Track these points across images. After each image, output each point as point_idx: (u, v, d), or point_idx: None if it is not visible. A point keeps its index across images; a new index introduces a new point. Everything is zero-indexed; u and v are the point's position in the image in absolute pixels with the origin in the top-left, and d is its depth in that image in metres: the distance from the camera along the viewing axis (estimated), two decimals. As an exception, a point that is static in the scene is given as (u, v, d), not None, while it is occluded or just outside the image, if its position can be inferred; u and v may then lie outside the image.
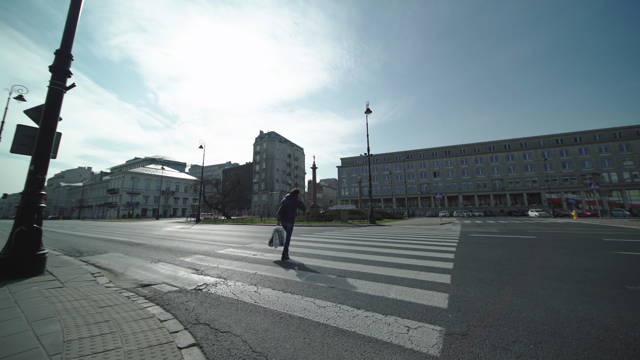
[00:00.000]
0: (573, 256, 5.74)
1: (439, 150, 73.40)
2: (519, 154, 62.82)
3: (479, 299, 3.07)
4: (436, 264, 5.01)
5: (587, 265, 4.77)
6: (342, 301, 3.04)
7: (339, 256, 5.92)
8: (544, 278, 3.95)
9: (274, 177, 78.99)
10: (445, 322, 2.47)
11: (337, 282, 3.80)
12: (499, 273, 4.27)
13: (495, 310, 2.73)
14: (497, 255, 5.98)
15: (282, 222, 5.94)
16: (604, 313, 2.61)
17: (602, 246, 7.24)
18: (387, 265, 4.93)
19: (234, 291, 3.47)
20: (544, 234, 10.96)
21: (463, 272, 4.32)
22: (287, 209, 5.94)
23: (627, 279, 3.84)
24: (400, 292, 3.31)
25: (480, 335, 2.21)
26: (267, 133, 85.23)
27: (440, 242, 8.54)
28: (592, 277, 3.94)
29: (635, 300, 2.97)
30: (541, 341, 2.10)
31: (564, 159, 58.94)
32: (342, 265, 4.93)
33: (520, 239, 9.38)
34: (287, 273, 4.41)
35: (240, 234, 12.50)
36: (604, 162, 55.76)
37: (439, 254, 6.14)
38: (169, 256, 6.33)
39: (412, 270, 4.45)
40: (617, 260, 5.27)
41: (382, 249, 7.01)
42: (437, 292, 3.29)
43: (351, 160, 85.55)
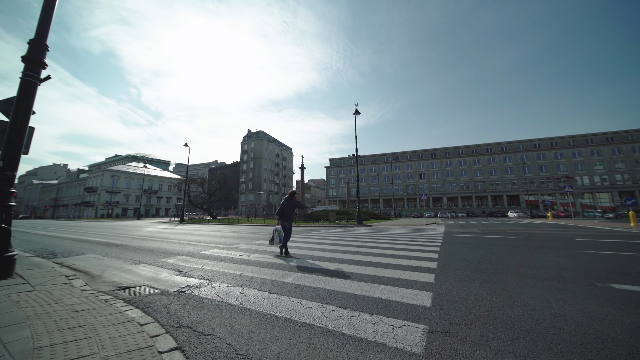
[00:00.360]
0: (548, 255, 6.04)
1: (425, 153, 75.25)
2: (499, 157, 65.49)
3: (461, 297, 3.17)
4: (421, 263, 5.12)
5: (561, 264, 5.04)
6: (329, 301, 3.05)
7: (326, 256, 5.93)
8: (521, 276, 4.13)
9: (261, 177, 78.11)
10: (428, 320, 2.53)
11: (324, 283, 3.80)
12: (480, 272, 4.43)
13: (476, 308, 2.83)
14: (479, 254, 6.20)
15: (281, 221, 6.39)
16: (575, 309, 2.77)
17: (575, 245, 7.67)
18: (373, 265, 4.99)
19: (218, 293, 3.40)
20: (522, 234, 11.47)
21: (446, 272, 4.45)
22: (285, 209, 6.46)
23: (596, 276, 4.09)
24: (385, 292, 3.36)
25: (462, 332, 2.28)
26: (255, 132, 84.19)
27: (424, 242, 8.75)
28: (565, 275, 4.17)
29: (602, 296, 3.17)
30: (518, 337, 2.19)
31: (541, 162, 62.00)
32: (329, 266, 4.94)
33: (500, 239, 9.77)
34: (273, 274, 4.37)
35: (226, 235, 12.26)
36: (577, 166, 59.16)
37: (423, 253, 6.28)
38: (151, 257, 6.12)
39: (397, 270, 4.53)
40: (587, 258, 5.59)
41: (369, 249, 7.09)
42: (421, 291, 3.37)
43: (339, 161, 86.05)
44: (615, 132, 59.12)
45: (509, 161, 64.44)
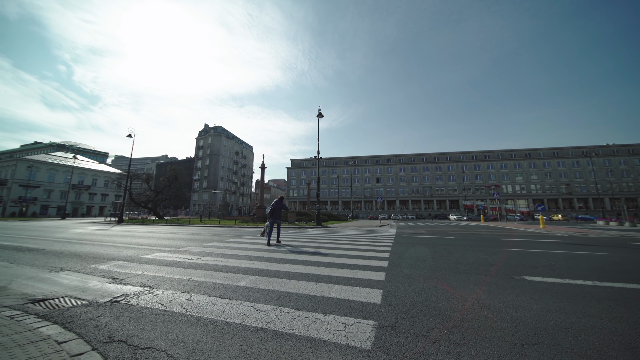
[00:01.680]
0: (479, 253, 6.94)
1: (382, 158, 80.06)
2: (444, 166, 73.31)
3: (407, 292, 3.43)
4: (374, 263, 5.41)
5: (489, 260, 5.83)
6: (284, 303, 3.01)
7: (283, 258, 5.86)
8: (457, 272, 4.66)
9: (218, 175, 73.72)
10: (378, 316, 2.68)
11: (279, 285, 3.74)
12: (424, 269, 4.86)
13: (419, 302, 3.09)
14: (424, 253, 6.81)
15: (272, 219, 8.46)
16: (497, 299, 3.23)
17: (499, 244, 8.95)
18: (330, 265, 5.10)
19: (161, 301, 3.08)
20: (459, 235, 12.97)
21: (396, 269, 4.77)
22: (275, 210, 8.56)
23: (514, 270, 4.84)
24: (340, 291, 3.45)
25: (407, 325, 2.47)
26: (213, 127, 79.22)
27: (378, 242, 9.27)
28: (491, 270, 4.83)
29: (518, 287, 3.76)
30: (453, 326, 2.46)
31: (476, 172, 71.27)
32: (285, 267, 4.88)
33: (442, 239, 10.89)
34: (226, 277, 4.14)
35: (174, 237, 11.24)
36: (503, 176, 69.49)
37: (376, 253, 6.65)
38: (78, 263, 5.26)
39: (352, 270, 4.70)
40: (508, 255, 6.58)
41: (326, 249, 7.22)
42: (372, 289, 3.55)
43: (301, 162, 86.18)
44: (531, 149, 71.22)
45: (452, 170, 72.58)
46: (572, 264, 5.48)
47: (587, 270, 4.88)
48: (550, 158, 68.25)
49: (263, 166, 29.72)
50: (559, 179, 66.84)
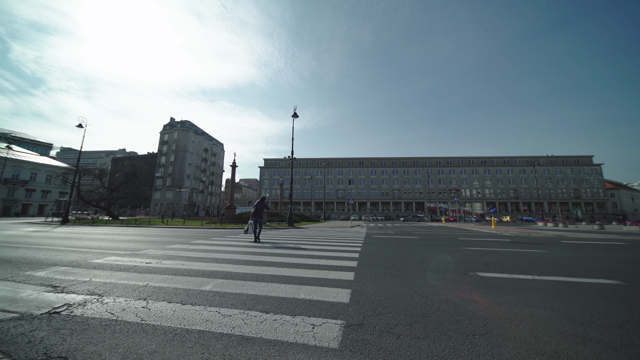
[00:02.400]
0: (440, 252, 7.44)
1: (354, 161, 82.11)
2: (412, 170, 77.53)
3: (374, 291, 3.55)
4: (343, 263, 5.50)
5: (448, 259, 6.28)
6: (251, 307, 2.92)
7: (252, 260, 5.70)
8: (420, 270, 4.94)
9: (184, 173, 69.36)
10: (346, 315, 2.73)
11: (247, 288, 3.63)
12: (391, 268, 5.08)
13: (385, 300, 3.22)
14: (391, 253, 7.11)
15: (255, 218, 9.51)
16: (454, 294, 3.48)
17: (458, 244, 9.69)
18: (300, 266, 5.08)
19: (112, 310, 2.80)
20: (423, 235, 13.79)
21: (364, 269, 4.91)
22: (258, 209, 9.65)
23: (469, 267, 5.27)
24: (310, 292, 3.45)
25: (372, 323, 2.55)
26: (180, 121, 74.42)
27: (349, 243, 9.47)
28: (450, 268, 5.21)
29: (472, 282, 4.10)
30: (415, 322, 2.60)
31: (440, 176, 76.53)
32: (254, 270, 4.75)
33: (408, 239, 11.48)
34: (189, 282, 3.90)
35: (131, 239, 10.31)
36: (463, 181, 75.55)
37: (347, 253, 6.78)
38: (7, 270, 4.56)
39: (322, 270, 4.73)
40: (465, 254, 7.15)
41: (298, 250, 7.18)
42: (341, 289, 3.61)
43: (274, 162, 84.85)
44: (486, 157, 78.41)
45: (418, 174, 77.05)
46: (517, 260, 6.13)
47: (529, 265, 5.50)
48: (501, 166, 75.89)
49: (234, 165, 28.64)
50: (508, 184, 74.59)
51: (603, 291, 3.71)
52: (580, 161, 75.60)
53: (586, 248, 8.85)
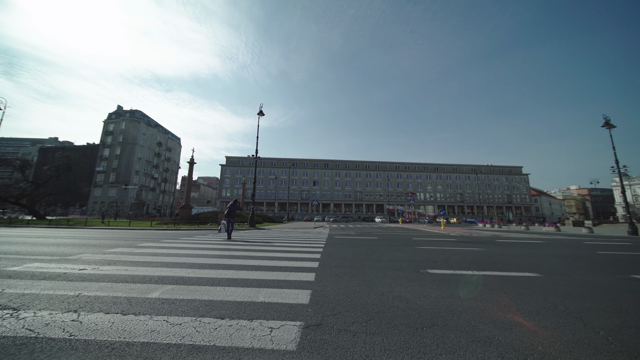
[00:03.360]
0: (396, 251, 7.92)
1: (320, 162, 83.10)
2: (373, 174, 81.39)
3: (333, 291, 3.62)
4: (305, 264, 5.51)
5: (403, 257, 6.71)
6: (204, 313, 2.74)
7: (208, 263, 5.37)
8: (377, 269, 5.20)
9: (132, 168, 62.46)
10: (305, 316, 2.73)
11: (201, 293, 3.40)
12: (350, 268, 5.24)
13: (344, 299, 3.30)
14: (352, 253, 7.34)
15: (228, 218, 10.63)
16: (407, 290, 3.74)
17: (412, 243, 10.44)
18: (261, 268, 4.94)
19: (31, 326, 2.37)
20: (381, 235, 14.54)
21: (325, 270, 4.99)
22: (231, 210, 10.74)
23: (421, 265, 5.70)
24: (269, 295, 3.38)
25: (331, 322, 2.59)
26: (130, 110, 66.88)
27: (311, 243, 9.52)
28: (404, 266, 5.57)
29: (422, 279, 4.44)
30: (371, 318, 2.71)
31: (398, 180, 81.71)
32: (210, 274, 4.48)
33: (368, 239, 11.99)
34: (133, 289, 3.51)
35: (61, 242, 8.92)
36: (418, 185, 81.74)
37: (309, 254, 6.80)
38: None
39: (283, 272, 4.67)
40: (417, 253, 7.73)
41: (258, 252, 6.98)
42: (302, 290, 3.61)
43: (237, 160, 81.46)
44: (439, 164, 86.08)
45: (379, 177, 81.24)
46: (461, 257, 6.83)
47: (470, 262, 6.17)
48: (450, 172, 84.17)
49: (192, 161, 26.71)
50: (456, 189, 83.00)
51: (526, 283, 4.34)
52: (512, 171, 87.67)
53: (515, 246, 10.27)
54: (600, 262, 6.59)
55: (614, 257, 7.67)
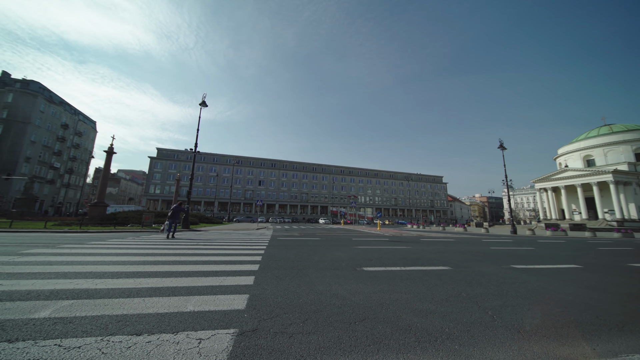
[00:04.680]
0: (336, 251, 8.28)
1: (267, 162, 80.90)
2: (319, 176, 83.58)
3: (272, 294, 3.54)
4: (244, 267, 5.25)
5: (342, 257, 7.05)
6: (115, 331, 2.32)
7: (125, 271, 4.60)
8: (318, 269, 5.33)
9: (21, 154, 49.06)
10: (240, 322, 2.59)
11: (111, 307, 2.88)
12: (292, 269, 5.23)
13: (283, 301, 3.27)
14: (293, 254, 7.34)
15: (171, 220, 11.43)
16: (344, 288, 3.93)
17: (351, 243, 11.07)
18: (192, 274, 4.49)
19: None
20: (324, 236, 15.01)
21: (265, 272, 4.85)
22: (175, 212, 11.61)
23: (358, 263, 6.09)
24: (200, 303, 3.09)
25: (267, 326, 2.53)
26: (21, 80, 52.45)
27: (252, 245, 9.15)
28: (342, 265, 5.86)
29: (358, 276, 4.75)
30: (308, 318, 2.75)
31: (342, 184, 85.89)
32: (126, 283, 3.85)
33: (311, 240, 12.21)
34: (9, 309, 2.74)
35: None
36: (359, 189, 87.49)
37: (249, 257, 6.52)
38: None
39: (219, 277, 4.34)
40: (356, 252, 8.24)
41: (191, 256, 6.34)
42: (238, 295, 3.42)
43: (171, 153, 72.70)
44: (378, 170, 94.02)
45: (325, 180, 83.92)
46: (392, 255, 7.58)
47: (399, 259, 6.90)
48: (387, 178, 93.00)
49: (111, 150, 22.51)
50: (391, 194, 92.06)
51: (439, 275, 5.09)
52: (435, 180, 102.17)
53: (433, 244, 11.95)
54: (492, 256, 8.23)
55: (501, 251, 9.69)
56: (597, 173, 47.02)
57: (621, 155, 50.12)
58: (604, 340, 2.46)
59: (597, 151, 52.73)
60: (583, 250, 10.99)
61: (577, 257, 8.41)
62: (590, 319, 2.99)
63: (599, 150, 52.59)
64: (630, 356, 2.17)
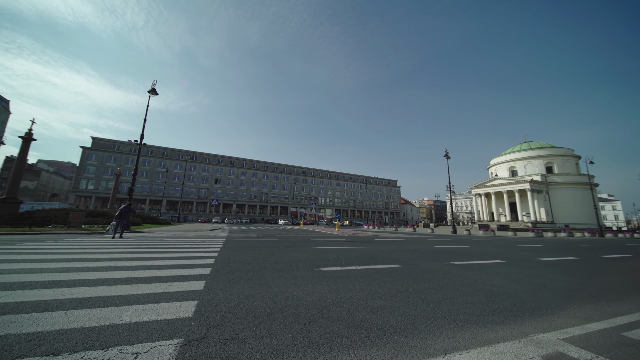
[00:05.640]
0: (294, 252, 8.24)
1: (225, 159, 76.71)
2: (281, 176, 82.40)
3: (225, 298, 3.35)
4: (194, 271, 4.88)
5: (301, 258, 7.05)
6: (23, 353, 1.93)
7: (42, 280, 3.88)
8: (275, 270, 5.23)
9: None
10: (186, 331, 2.39)
11: (20, 324, 2.40)
12: (247, 272, 5.03)
13: (236, 305, 3.12)
14: (250, 256, 7.09)
15: (119, 220, 11.42)
16: (300, 289, 3.93)
17: (310, 244, 11.14)
18: (131, 281, 4.00)
19: None
20: (283, 237, 14.82)
21: (218, 276, 4.57)
22: (123, 213, 11.62)
23: (315, 264, 6.15)
24: (139, 313, 2.76)
25: (217, 333, 2.38)
26: None
27: (205, 248, 8.56)
28: (300, 266, 5.85)
29: (315, 277, 4.79)
30: (262, 322, 2.67)
31: (303, 184, 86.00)
32: (43, 294, 3.25)
33: (269, 241, 11.93)
34: None
35: None
36: (320, 190, 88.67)
37: (200, 260, 6.08)
38: None
39: (163, 283, 3.95)
40: (314, 252, 8.31)
41: (130, 261, 5.65)
42: (186, 302, 3.16)
43: (111, 144, 64.05)
44: (338, 172, 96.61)
45: (286, 180, 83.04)
46: (348, 255, 7.84)
47: (354, 259, 7.18)
48: (347, 181, 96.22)
49: (29, 136, 18.73)
50: (350, 196, 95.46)
51: (390, 273, 5.44)
52: (390, 183, 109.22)
53: (387, 244, 12.74)
54: (436, 254, 9.12)
55: (443, 249, 10.79)
56: (518, 182, 55.84)
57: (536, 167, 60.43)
58: (519, 323, 2.92)
59: (519, 164, 62.72)
60: (506, 247, 12.90)
61: (502, 254, 9.84)
62: (509, 306, 3.52)
63: (520, 163, 62.61)
64: (539, 335, 2.61)
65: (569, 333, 2.67)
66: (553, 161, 59.21)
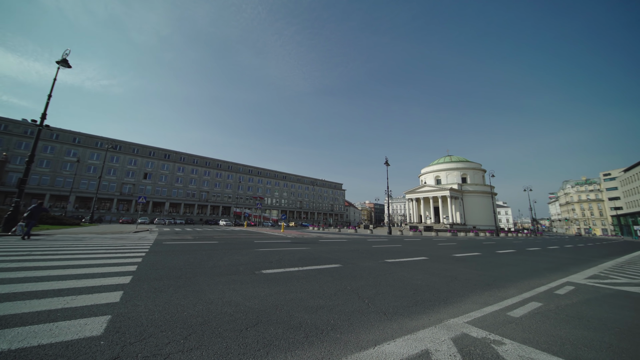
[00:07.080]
0: (235, 255, 7.80)
1: (158, 151, 67.73)
2: (224, 174, 77.14)
3: (147, 310, 2.94)
4: (109, 280, 4.14)
5: (241, 261, 6.70)
6: None
7: None
8: (212, 275, 4.85)
9: None
10: (92, 353, 2.00)
11: None
12: (178, 278, 4.53)
13: (161, 317, 2.76)
14: (182, 261, 6.40)
15: (28, 220, 10.46)
16: (239, 294, 3.73)
17: (252, 246, 10.72)
18: (14, 297, 3.15)
19: None
20: (223, 239, 13.88)
21: (141, 285, 3.98)
22: (34, 213, 10.71)
23: (257, 266, 5.94)
24: (25, 336, 2.19)
25: (134, 351, 2.06)
26: None
27: (125, 253, 7.37)
28: (240, 269, 5.56)
29: (256, 280, 4.62)
30: (192, 333, 2.43)
31: (248, 184, 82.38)
32: None
33: (207, 244, 11.01)
34: None
35: None
36: (267, 190, 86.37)
37: (118, 267, 5.19)
38: None
39: (62, 297, 3.23)
40: (256, 255, 8.02)
41: (14, 272, 4.45)
42: (94, 318, 2.64)
43: (-7, 122, 49.51)
44: (286, 173, 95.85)
45: (230, 178, 78.15)
46: (291, 257, 7.83)
47: (298, 260, 7.20)
48: (295, 182, 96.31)
49: None
50: (297, 197, 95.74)
51: (331, 272, 5.65)
52: (336, 186, 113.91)
53: (330, 244, 13.20)
54: (373, 253, 9.88)
55: (379, 249, 11.77)
56: (441, 189, 65.35)
57: (455, 177, 71.71)
58: (435, 311, 3.38)
59: (443, 174, 73.48)
60: (430, 245, 14.86)
61: (426, 251, 11.28)
62: (429, 297, 4.04)
63: (443, 173, 73.41)
64: (449, 320, 3.06)
65: (471, 317, 3.22)
66: (467, 173, 71.36)
